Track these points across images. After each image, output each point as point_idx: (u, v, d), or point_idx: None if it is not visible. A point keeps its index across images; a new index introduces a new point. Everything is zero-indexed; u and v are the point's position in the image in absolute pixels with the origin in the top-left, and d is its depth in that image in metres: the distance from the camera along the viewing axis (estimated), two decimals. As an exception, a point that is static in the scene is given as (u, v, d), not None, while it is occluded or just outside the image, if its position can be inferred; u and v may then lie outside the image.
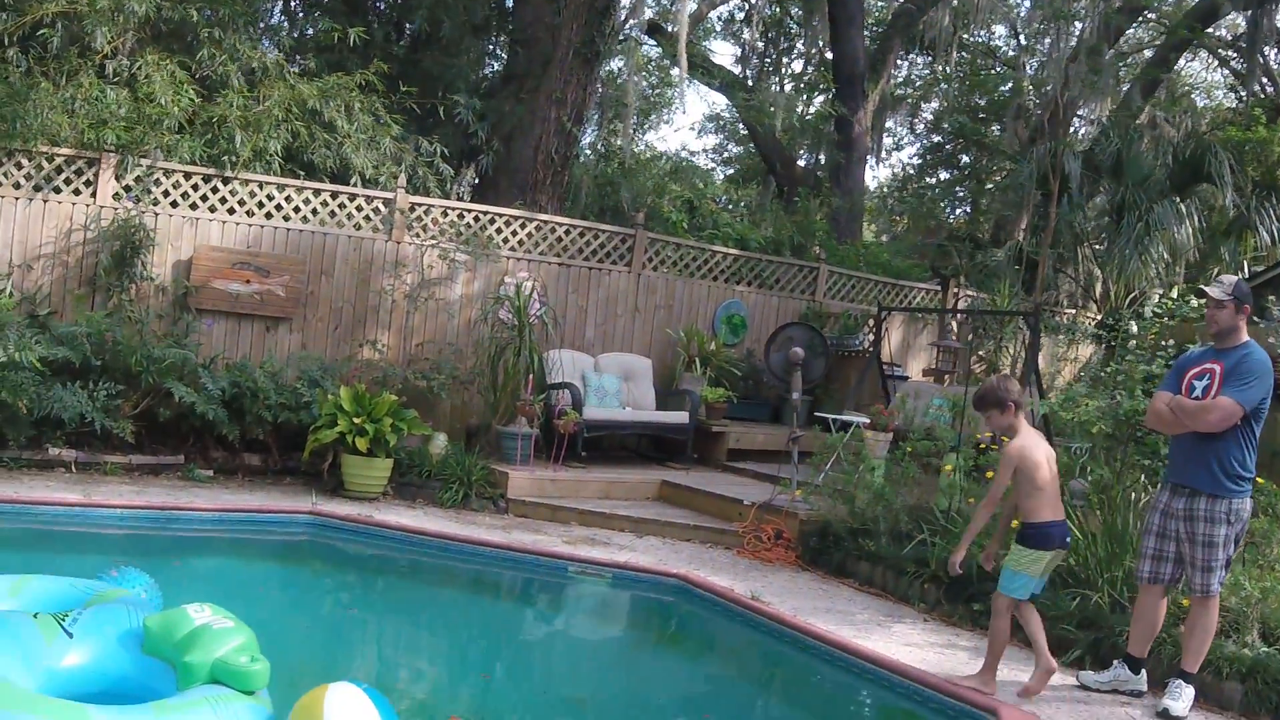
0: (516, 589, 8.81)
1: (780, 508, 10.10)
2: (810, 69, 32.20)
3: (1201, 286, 6.26)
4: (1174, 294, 18.24)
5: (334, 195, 11.94)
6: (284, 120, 11.98)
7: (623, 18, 19.06)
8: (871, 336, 14.33)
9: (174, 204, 11.21)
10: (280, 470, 11.00)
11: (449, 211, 12.62)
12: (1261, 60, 28.53)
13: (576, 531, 9.93)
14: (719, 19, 33.08)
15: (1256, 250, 19.45)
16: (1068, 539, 6.42)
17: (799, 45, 32.54)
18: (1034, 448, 6.31)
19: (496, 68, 18.53)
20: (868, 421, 10.98)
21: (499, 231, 12.85)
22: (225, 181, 11.38)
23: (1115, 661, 6.70)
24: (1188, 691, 6.28)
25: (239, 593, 7.24)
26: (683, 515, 10.67)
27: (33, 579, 5.11)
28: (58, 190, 10.79)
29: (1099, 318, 18.28)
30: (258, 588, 7.78)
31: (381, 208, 12.12)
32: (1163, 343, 14.52)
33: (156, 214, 11.05)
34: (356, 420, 10.17)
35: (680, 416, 12.57)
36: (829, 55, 25.51)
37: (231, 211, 11.44)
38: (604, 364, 12.94)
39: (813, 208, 18.78)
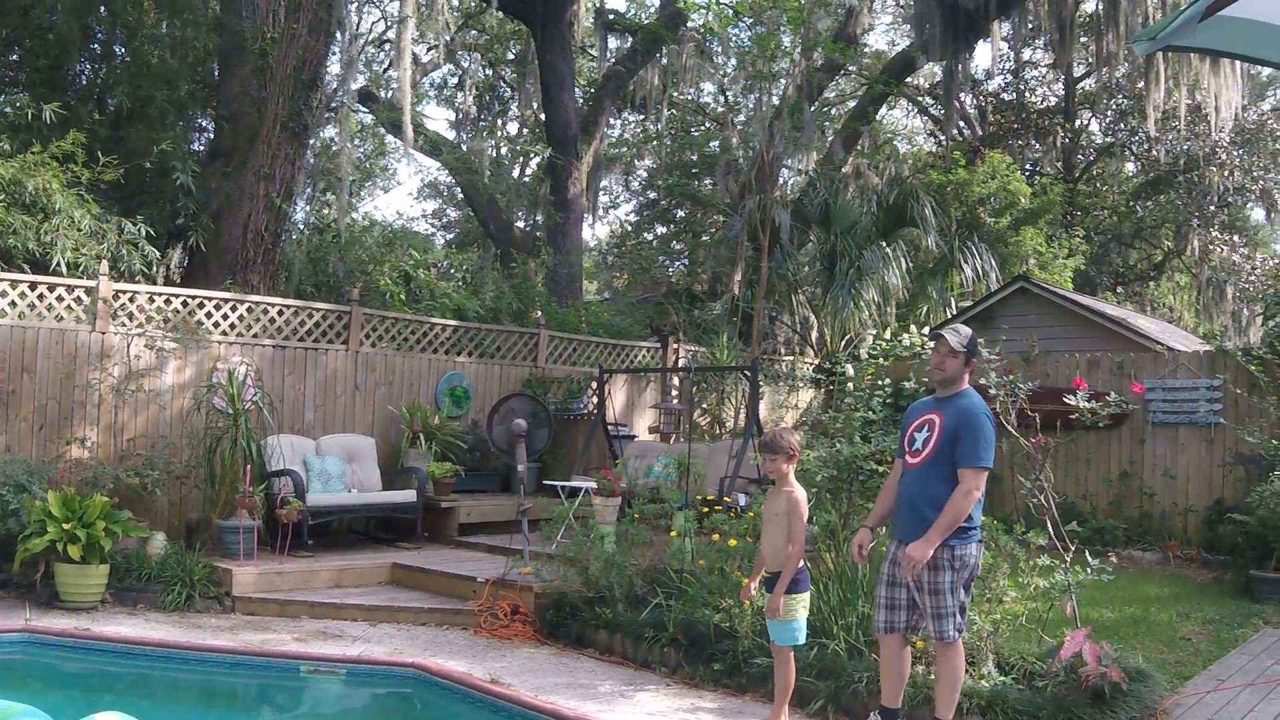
0: (248, 696, 8.48)
1: (514, 582, 10.01)
2: (525, 131, 32.57)
3: (939, 331, 6.38)
4: (887, 334, 19.09)
5: (33, 286, 11.30)
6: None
7: (333, 88, 18.85)
8: (596, 399, 14.45)
9: None
10: (-9, 585, 10.32)
11: (155, 297, 12.13)
12: (958, 105, 30.28)
13: (307, 626, 9.65)
14: (431, 85, 33.18)
15: (961, 286, 20.51)
16: None
17: (513, 108, 32.91)
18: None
19: (203, 143, 18.01)
20: (595, 487, 11.02)
21: (209, 315, 12.42)
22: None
23: (871, 715, 6.61)
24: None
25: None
26: (417, 598, 10.50)
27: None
28: None
29: (816, 362, 18.93)
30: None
31: (84, 297, 11.54)
32: (880, 383, 15.14)
33: None
34: (67, 526, 9.67)
35: (408, 495, 12.38)
36: (543, 117, 25.83)
37: (-77, 309, 10.75)
38: (326, 446, 12.65)
39: (531, 271, 18.87)
